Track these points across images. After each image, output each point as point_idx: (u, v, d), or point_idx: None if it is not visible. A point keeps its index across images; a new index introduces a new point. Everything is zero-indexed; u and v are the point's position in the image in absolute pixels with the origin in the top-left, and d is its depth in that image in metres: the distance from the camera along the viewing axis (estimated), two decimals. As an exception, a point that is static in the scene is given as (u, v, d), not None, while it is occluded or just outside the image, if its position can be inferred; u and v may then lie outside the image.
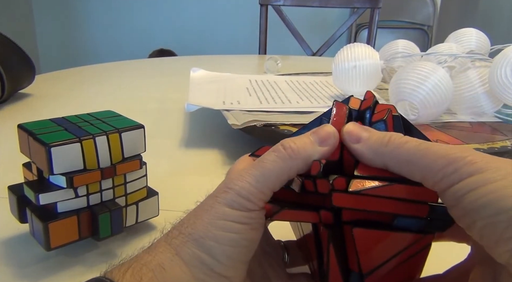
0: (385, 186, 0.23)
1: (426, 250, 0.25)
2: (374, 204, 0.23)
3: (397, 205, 0.24)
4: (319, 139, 0.24)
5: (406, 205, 0.24)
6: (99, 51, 2.63)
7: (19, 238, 0.36)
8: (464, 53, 0.63)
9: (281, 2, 1.47)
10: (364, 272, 0.24)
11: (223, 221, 0.23)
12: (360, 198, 0.23)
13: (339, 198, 0.23)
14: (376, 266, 0.24)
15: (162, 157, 0.55)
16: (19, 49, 0.75)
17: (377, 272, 0.24)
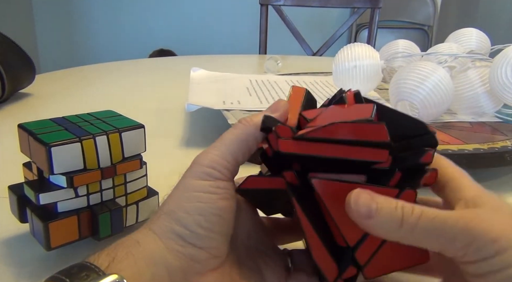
0: (327, 125, 0.23)
1: None
2: (323, 149, 0.23)
3: (349, 149, 0.23)
4: (270, 109, 0.27)
5: (360, 149, 0.23)
6: (99, 51, 2.63)
7: (19, 238, 0.36)
8: (464, 53, 0.63)
9: (282, 2, 1.47)
10: (351, 245, 0.23)
11: (190, 193, 0.24)
12: (307, 144, 0.23)
13: (285, 144, 0.24)
14: (362, 236, 0.23)
15: (162, 157, 0.55)
16: (19, 49, 0.75)
17: (366, 244, 0.23)
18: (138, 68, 1.12)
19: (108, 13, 2.56)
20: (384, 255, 0.24)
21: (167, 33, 2.57)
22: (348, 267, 0.24)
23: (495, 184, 0.48)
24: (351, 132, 0.23)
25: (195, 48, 2.53)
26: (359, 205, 0.21)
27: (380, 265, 0.24)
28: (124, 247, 0.23)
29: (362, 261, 0.24)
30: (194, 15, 2.57)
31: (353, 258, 0.24)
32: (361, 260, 0.24)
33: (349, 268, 0.24)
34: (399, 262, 0.24)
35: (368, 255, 0.24)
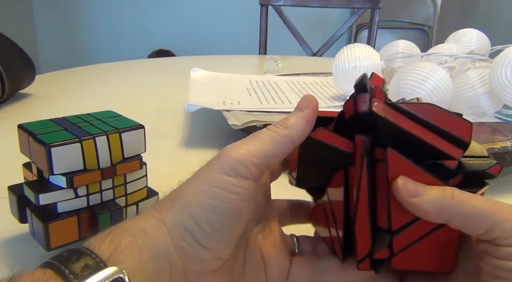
0: (422, 103, 0.24)
1: None
2: (408, 124, 0.24)
3: (431, 135, 0.24)
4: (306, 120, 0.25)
5: (440, 139, 0.24)
6: (99, 52, 2.63)
7: (19, 238, 0.36)
8: (464, 54, 0.63)
9: (281, 2, 1.47)
10: (393, 228, 0.24)
11: (210, 187, 0.23)
12: (396, 114, 0.24)
13: (378, 105, 0.24)
14: (407, 222, 0.24)
15: (162, 157, 0.55)
16: (19, 49, 0.75)
17: (407, 232, 0.24)
18: (138, 68, 1.12)
19: (108, 14, 2.56)
20: (418, 250, 0.24)
21: (167, 33, 2.57)
22: (383, 249, 0.24)
23: (495, 184, 0.48)
24: (440, 119, 0.24)
25: (195, 48, 2.53)
26: (406, 185, 0.23)
27: (409, 258, 0.24)
28: (129, 235, 0.22)
29: (397, 248, 0.24)
30: (194, 16, 2.57)
31: (391, 242, 0.24)
32: (396, 247, 0.24)
33: (383, 250, 0.24)
34: (426, 263, 0.24)
35: (404, 244, 0.24)
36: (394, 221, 0.24)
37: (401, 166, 0.24)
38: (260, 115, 0.59)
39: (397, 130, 0.24)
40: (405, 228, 0.24)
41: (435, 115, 0.24)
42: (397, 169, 0.24)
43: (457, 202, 0.22)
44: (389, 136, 0.24)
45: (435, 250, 0.24)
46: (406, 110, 0.24)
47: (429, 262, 0.24)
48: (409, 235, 0.24)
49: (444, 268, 0.25)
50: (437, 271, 0.25)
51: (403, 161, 0.24)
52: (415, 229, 0.24)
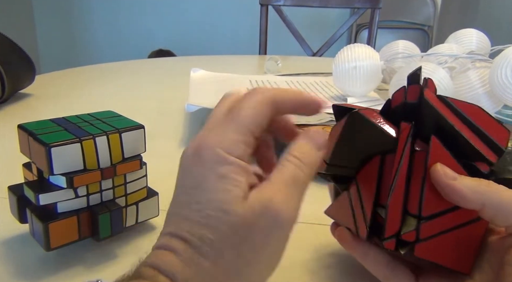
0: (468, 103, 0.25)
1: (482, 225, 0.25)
2: (453, 120, 0.25)
3: (471, 134, 0.25)
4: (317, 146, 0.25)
5: (479, 140, 0.25)
6: (99, 51, 2.63)
7: (19, 238, 0.36)
8: (464, 54, 0.63)
9: (282, 2, 1.47)
10: (423, 214, 0.24)
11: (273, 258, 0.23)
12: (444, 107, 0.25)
13: (430, 95, 0.25)
14: (437, 212, 0.25)
15: (162, 157, 0.54)
16: (19, 49, 0.75)
17: (436, 221, 0.25)
18: (138, 68, 1.12)
19: (108, 14, 2.56)
20: (441, 243, 0.25)
21: (167, 33, 2.57)
22: (410, 231, 0.25)
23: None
24: (481, 120, 0.25)
25: (195, 48, 2.53)
26: (445, 169, 0.24)
27: (432, 249, 0.25)
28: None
29: (423, 234, 0.25)
30: (194, 16, 2.57)
31: (418, 227, 0.25)
32: (423, 233, 0.25)
33: (411, 232, 0.25)
34: (447, 258, 0.25)
35: (431, 233, 0.25)
36: (425, 208, 0.25)
37: (441, 156, 0.25)
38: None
39: (442, 122, 0.25)
40: (434, 217, 0.25)
41: (478, 116, 0.25)
42: (437, 158, 0.24)
43: (493, 189, 0.23)
44: (434, 127, 0.25)
45: (458, 246, 0.25)
46: (453, 105, 0.25)
47: (449, 258, 0.25)
48: (437, 224, 0.25)
49: (462, 268, 0.25)
50: (455, 269, 0.25)
51: (444, 152, 0.25)
52: (444, 221, 0.25)
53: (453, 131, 0.25)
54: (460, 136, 0.25)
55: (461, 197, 0.24)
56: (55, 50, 2.60)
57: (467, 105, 0.25)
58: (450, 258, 0.25)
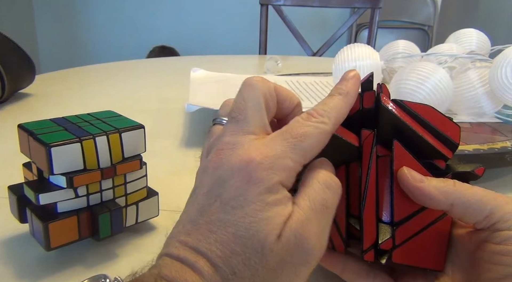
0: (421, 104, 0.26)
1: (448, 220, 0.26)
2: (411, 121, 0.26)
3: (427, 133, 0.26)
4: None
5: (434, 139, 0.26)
6: (99, 51, 2.63)
7: (19, 238, 0.36)
8: (464, 54, 0.63)
9: (282, 2, 1.47)
10: (395, 220, 0.25)
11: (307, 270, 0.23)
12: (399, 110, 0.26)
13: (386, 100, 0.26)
14: (407, 215, 0.25)
15: (162, 157, 0.55)
16: (19, 49, 0.75)
17: (408, 225, 0.25)
18: (138, 68, 1.12)
19: (108, 14, 2.56)
20: (415, 245, 0.25)
21: (166, 33, 2.57)
22: (387, 239, 0.25)
23: (495, 184, 0.48)
24: (435, 119, 0.26)
25: (194, 48, 2.53)
26: (412, 172, 0.24)
27: (408, 253, 0.25)
28: None
29: (398, 240, 0.25)
30: (194, 15, 2.57)
31: (393, 234, 0.25)
32: (398, 239, 0.25)
33: (388, 240, 0.25)
34: (422, 259, 0.25)
35: (405, 237, 0.25)
36: (396, 214, 0.25)
37: (404, 159, 0.25)
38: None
39: (401, 125, 0.25)
40: (406, 221, 0.25)
41: (432, 115, 0.26)
42: (401, 162, 0.25)
43: (460, 188, 0.24)
44: (393, 130, 0.25)
45: (430, 245, 0.25)
46: (407, 107, 0.26)
47: (424, 258, 0.25)
48: (409, 228, 0.25)
49: (436, 266, 0.26)
50: (430, 268, 0.26)
51: (407, 155, 0.25)
52: (414, 223, 0.25)
53: (411, 133, 0.25)
54: (418, 137, 0.25)
55: (430, 198, 0.24)
56: (55, 50, 2.60)
57: (420, 106, 0.26)
58: (425, 258, 0.25)
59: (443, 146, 0.26)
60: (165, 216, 0.39)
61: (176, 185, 0.47)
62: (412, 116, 0.26)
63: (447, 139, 0.26)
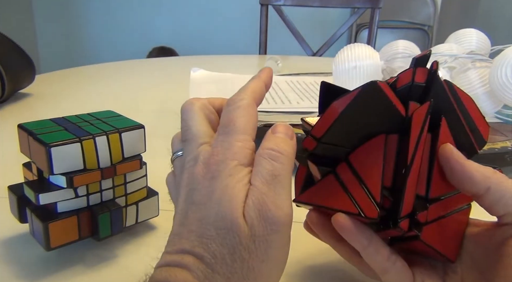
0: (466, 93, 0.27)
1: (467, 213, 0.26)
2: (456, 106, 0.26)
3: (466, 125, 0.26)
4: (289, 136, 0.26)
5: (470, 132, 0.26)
6: (99, 51, 2.63)
7: (19, 238, 0.36)
8: (464, 54, 0.63)
9: (282, 2, 1.47)
10: (431, 196, 0.25)
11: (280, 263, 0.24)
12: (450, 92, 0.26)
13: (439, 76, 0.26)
14: (442, 194, 0.25)
15: (162, 157, 0.54)
16: (19, 49, 0.75)
17: (440, 204, 0.25)
18: (138, 68, 1.12)
19: (108, 14, 2.56)
20: (440, 227, 0.25)
21: (167, 33, 2.57)
22: (423, 211, 0.25)
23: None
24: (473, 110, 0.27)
25: (194, 48, 2.53)
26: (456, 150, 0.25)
27: (434, 233, 0.25)
28: None
29: (430, 216, 0.25)
30: (194, 15, 2.56)
31: (427, 208, 0.25)
32: (430, 215, 0.25)
33: (423, 212, 0.25)
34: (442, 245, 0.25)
35: (436, 215, 0.25)
36: (433, 190, 0.25)
37: (447, 139, 0.25)
38: (260, 115, 0.58)
39: (449, 106, 0.25)
40: (439, 199, 0.25)
41: (471, 106, 0.26)
42: (445, 140, 0.25)
43: (498, 176, 0.24)
44: (440, 110, 0.25)
45: (450, 233, 0.26)
46: (455, 91, 0.26)
47: (443, 244, 0.25)
48: (438, 208, 0.25)
49: (451, 255, 0.26)
50: (445, 255, 0.26)
51: (449, 135, 0.25)
52: (443, 205, 0.25)
53: (455, 118, 0.25)
54: (460, 124, 0.26)
55: (470, 177, 0.24)
56: (55, 50, 2.60)
57: (464, 93, 0.26)
58: (444, 244, 0.25)
59: (474, 139, 0.26)
60: (165, 216, 0.39)
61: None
62: (457, 102, 0.26)
63: (479, 134, 0.26)
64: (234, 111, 0.26)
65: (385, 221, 0.25)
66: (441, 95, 0.25)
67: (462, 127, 0.26)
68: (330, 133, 0.25)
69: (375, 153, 0.25)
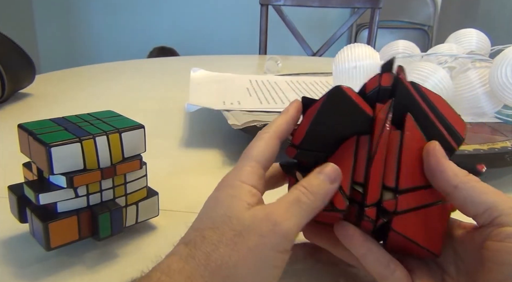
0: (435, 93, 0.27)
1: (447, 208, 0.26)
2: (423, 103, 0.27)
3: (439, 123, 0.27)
4: (329, 179, 0.26)
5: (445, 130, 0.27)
6: (99, 51, 2.63)
7: (19, 238, 0.36)
8: (464, 54, 0.63)
9: (282, 2, 1.47)
10: (400, 187, 0.26)
11: (268, 267, 0.24)
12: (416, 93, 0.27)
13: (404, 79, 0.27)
14: (413, 186, 0.26)
15: (162, 157, 0.55)
16: (20, 49, 0.75)
17: (411, 196, 0.26)
18: (138, 68, 1.12)
19: (108, 14, 2.56)
20: (415, 218, 0.26)
21: (167, 33, 2.57)
22: (390, 200, 0.25)
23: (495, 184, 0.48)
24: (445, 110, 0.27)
25: (194, 48, 2.53)
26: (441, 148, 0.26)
27: (408, 225, 0.26)
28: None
29: (400, 207, 0.25)
30: (194, 15, 2.56)
31: (396, 199, 0.25)
32: (400, 206, 0.25)
33: (391, 201, 0.25)
34: (420, 236, 0.26)
35: (406, 206, 0.26)
36: (402, 182, 0.26)
37: (415, 134, 0.26)
38: (260, 115, 0.59)
39: (415, 106, 0.26)
40: (409, 191, 0.26)
41: (442, 105, 0.27)
42: (412, 134, 0.26)
43: (469, 177, 0.25)
44: (407, 111, 0.26)
45: (429, 225, 0.26)
46: (423, 92, 0.27)
47: (423, 236, 0.26)
48: (411, 199, 0.26)
49: (434, 248, 0.26)
50: (427, 247, 0.26)
51: (417, 130, 0.26)
52: (416, 196, 0.26)
53: (423, 117, 0.26)
54: (430, 122, 0.27)
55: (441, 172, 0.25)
56: (55, 50, 2.60)
57: (433, 93, 0.27)
58: (424, 236, 0.26)
59: (450, 137, 0.27)
60: (165, 216, 0.39)
61: (176, 185, 0.47)
62: (425, 101, 0.27)
63: (454, 131, 0.27)
64: (255, 142, 0.28)
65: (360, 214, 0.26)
66: (405, 95, 0.27)
67: (432, 124, 0.27)
68: (307, 140, 0.28)
69: (346, 153, 0.27)
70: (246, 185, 0.26)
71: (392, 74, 0.27)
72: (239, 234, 0.23)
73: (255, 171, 0.27)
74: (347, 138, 0.27)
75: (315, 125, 0.27)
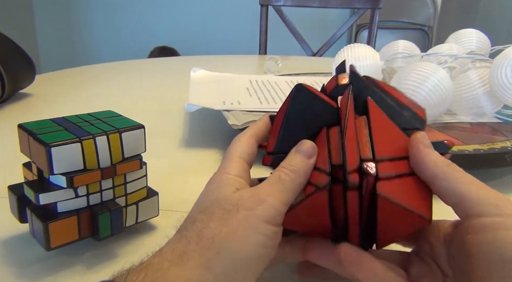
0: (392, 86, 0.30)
1: None
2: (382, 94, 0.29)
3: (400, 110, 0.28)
4: (306, 155, 0.27)
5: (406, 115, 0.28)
6: (99, 51, 2.63)
7: (19, 238, 0.36)
8: (464, 54, 0.63)
9: (282, 3, 1.47)
10: (377, 156, 0.26)
11: (258, 236, 0.24)
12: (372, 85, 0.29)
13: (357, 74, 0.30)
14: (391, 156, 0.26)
15: (162, 157, 0.55)
16: (20, 49, 0.75)
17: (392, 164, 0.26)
18: (138, 68, 1.12)
19: (108, 13, 2.56)
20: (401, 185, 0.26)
21: (167, 33, 2.57)
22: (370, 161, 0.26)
23: (495, 184, 0.48)
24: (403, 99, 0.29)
25: (194, 48, 2.53)
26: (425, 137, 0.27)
27: (394, 188, 0.26)
28: None
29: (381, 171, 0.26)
30: (195, 15, 2.57)
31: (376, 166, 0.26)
32: (381, 172, 0.26)
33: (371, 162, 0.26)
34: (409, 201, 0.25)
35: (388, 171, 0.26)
36: (378, 152, 0.26)
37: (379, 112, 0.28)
38: (260, 115, 0.59)
39: (370, 89, 0.29)
40: (389, 160, 0.26)
41: (398, 95, 0.29)
42: (377, 113, 0.28)
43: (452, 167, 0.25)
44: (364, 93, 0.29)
45: (416, 190, 0.26)
46: (376, 82, 0.30)
47: (411, 200, 0.25)
48: (391, 167, 0.26)
49: (425, 212, 0.26)
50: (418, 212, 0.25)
51: (380, 110, 0.28)
52: (397, 165, 0.26)
53: (381, 100, 0.28)
54: (389, 105, 0.28)
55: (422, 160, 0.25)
56: (55, 50, 2.60)
57: (386, 85, 0.30)
58: (412, 201, 0.25)
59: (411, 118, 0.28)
60: (165, 216, 0.39)
61: (176, 185, 0.47)
62: (379, 89, 0.29)
63: (413, 113, 0.28)
64: (234, 143, 0.30)
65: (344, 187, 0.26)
66: (362, 85, 0.29)
67: (391, 108, 0.28)
68: (280, 142, 0.29)
69: (320, 140, 0.28)
70: (233, 175, 0.28)
71: (346, 73, 0.30)
72: (228, 211, 0.24)
73: (240, 165, 0.28)
74: (318, 133, 0.29)
75: (287, 125, 0.29)
